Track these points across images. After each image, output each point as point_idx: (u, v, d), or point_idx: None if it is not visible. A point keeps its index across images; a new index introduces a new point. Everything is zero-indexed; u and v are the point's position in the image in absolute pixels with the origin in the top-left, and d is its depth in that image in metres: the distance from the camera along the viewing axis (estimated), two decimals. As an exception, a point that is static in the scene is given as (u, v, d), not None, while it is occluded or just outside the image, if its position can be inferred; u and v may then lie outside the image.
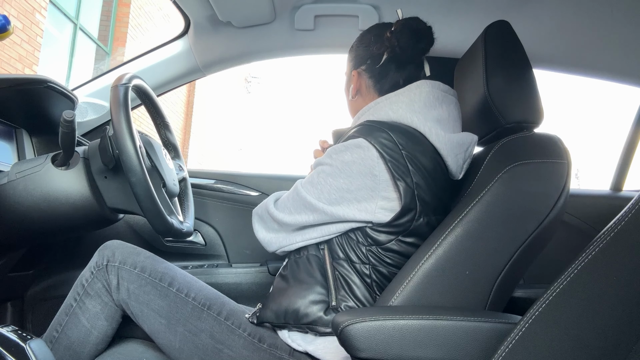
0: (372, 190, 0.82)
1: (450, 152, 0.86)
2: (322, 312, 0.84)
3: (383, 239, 0.84)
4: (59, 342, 0.94)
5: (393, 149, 0.82)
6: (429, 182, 0.83)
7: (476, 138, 0.91)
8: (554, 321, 0.52)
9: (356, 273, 0.85)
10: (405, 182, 0.81)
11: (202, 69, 1.50)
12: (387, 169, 0.81)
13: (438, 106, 0.90)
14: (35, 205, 0.95)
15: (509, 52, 0.89)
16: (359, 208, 0.83)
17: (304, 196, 0.88)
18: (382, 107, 0.92)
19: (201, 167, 9.80)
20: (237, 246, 1.52)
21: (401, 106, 0.89)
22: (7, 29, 0.87)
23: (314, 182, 0.88)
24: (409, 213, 0.82)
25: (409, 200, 0.81)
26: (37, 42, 4.89)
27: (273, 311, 0.88)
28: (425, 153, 0.84)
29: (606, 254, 0.53)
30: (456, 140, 0.87)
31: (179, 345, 0.90)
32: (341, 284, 0.85)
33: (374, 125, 0.86)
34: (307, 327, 0.84)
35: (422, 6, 1.27)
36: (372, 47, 0.99)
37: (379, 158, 0.82)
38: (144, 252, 1.00)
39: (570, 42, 1.32)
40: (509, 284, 0.80)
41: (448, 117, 0.90)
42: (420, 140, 0.85)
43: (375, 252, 0.84)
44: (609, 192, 1.57)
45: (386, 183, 0.82)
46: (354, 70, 1.02)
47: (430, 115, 0.88)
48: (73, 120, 0.88)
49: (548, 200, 0.78)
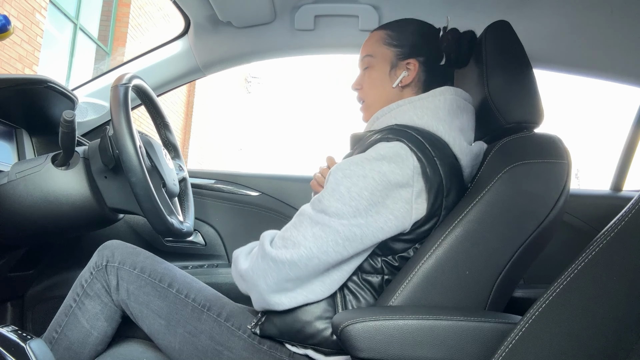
0: (407, 202, 0.78)
1: (469, 163, 0.87)
2: (328, 332, 0.80)
3: (400, 247, 0.81)
4: (59, 342, 0.94)
5: (428, 158, 0.79)
6: (452, 190, 0.82)
7: (485, 147, 0.91)
8: (554, 321, 0.52)
9: (366, 287, 0.82)
10: (436, 191, 0.79)
11: (202, 69, 1.50)
12: (423, 179, 0.78)
13: (460, 115, 0.89)
14: (35, 205, 0.95)
15: (509, 52, 0.89)
16: (397, 224, 0.78)
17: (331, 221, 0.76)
18: (405, 110, 0.89)
19: (201, 167, 9.80)
20: (237, 246, 1.50)
21: (426, 112, 0.86)
22: (8, 29, 0.87)
23: (344, 199, 0.77)
24: (431, 220, 0.81)
25: (436, 209, 0.80)
26: (37, 42, 4.89)
27: (277, 327, 0.84)
28: (450, 162, 0.83)
29: (606, 254, 0.53)
30: (474, 152, 0.88)
31: (178, 347, 0.90)
32: (349, 300, 0.81)
33: (406, 130, 0.82)
34: (312, 348, 0.82)
35: (422, 6, 1.27)
36: (432, 43, 0.96)
37: (417, 167, 0.78)
38: (144, 252, 0.99)
39: (570, 42, 1.32)
40: (509, 284, 0.80)
41: (467, 126, 0.90)
42: (446, 149, 0.84)
43: (390, 261, 0.82)
44: (609, 192, 1.57)
45: (420, 193, 0.79)
46: (413, 59, 0.94)
47: (454, 125, 0.86)
48: (73, 120, 0.88)
49: (548, 200, 0.78)
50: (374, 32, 1.00)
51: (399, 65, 0.95)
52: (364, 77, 1.00)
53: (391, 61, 0.96)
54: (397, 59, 0.95)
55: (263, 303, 0.82)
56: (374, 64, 0.97)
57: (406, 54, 0.95)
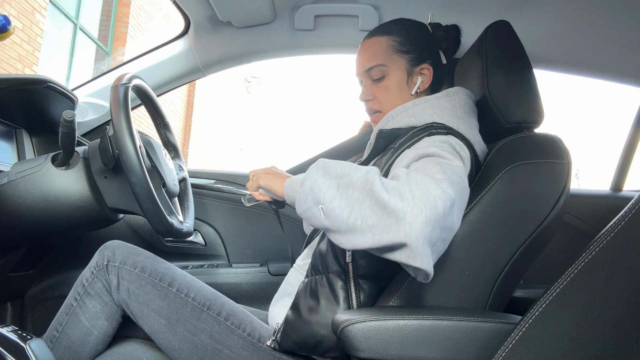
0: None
1: (484, 161, 0.88)
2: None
3: None
4: (59, 341, 0.94)
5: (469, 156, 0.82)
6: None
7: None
8: (554, 321, 0.52)
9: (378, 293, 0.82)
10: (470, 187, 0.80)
11: (202, 69, 1.50)
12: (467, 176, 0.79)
13: (473, 115, 0.90)
14: (35, 205, 0.95)
15: (509, 52, 0.89)
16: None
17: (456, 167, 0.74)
18: (424, 109, 0.88)
19: (201, 167, 9.79)
20: (237, 246, 1.52)
21: (445, 111, 0.86)
22: (8, 29, 0.86)
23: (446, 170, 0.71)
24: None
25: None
26: (37, 42, 4.89)
27: (294, 342, 0.84)
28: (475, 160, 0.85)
29: (606, 254, 0.53)
30: (486, 152, 0.89)
31: (178, 345, 0.90)
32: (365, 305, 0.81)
33: (447, 129, 0.84)
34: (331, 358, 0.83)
35: (422, 6, 1.27)
36: (432, 43, 0.97)
37: (466, 166, 0.79)
38: (144, 252, 1.00)
39: (570, 42, 1.32)
40: (509, 284, 0.80)
41: (477, 126, 0.90)
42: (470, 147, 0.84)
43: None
44: (609, 192, 1.57)
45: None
46: (425, 63, 0.95)
47: (472, 124, 0.87)
48: (73, 120, 0.88)
49: (548, 200, 0.78)
50: (378, 39, 0.97)
51: (414, 71, 0.95)
52: (376, 88, 0.97)
53: (406, 69, 0.95)
54: (411, 66, 0.95)
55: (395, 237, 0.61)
56: (389, 73, 0.95)
57: (418, 59, 0.95)
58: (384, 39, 0.97)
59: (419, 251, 0.60)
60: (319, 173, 0.71)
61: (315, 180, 0.70)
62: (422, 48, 0.96)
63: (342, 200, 0.65)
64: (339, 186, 0.67)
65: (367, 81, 0.99)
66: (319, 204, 0.67)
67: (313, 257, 0.90)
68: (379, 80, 0.96)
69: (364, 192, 0.64)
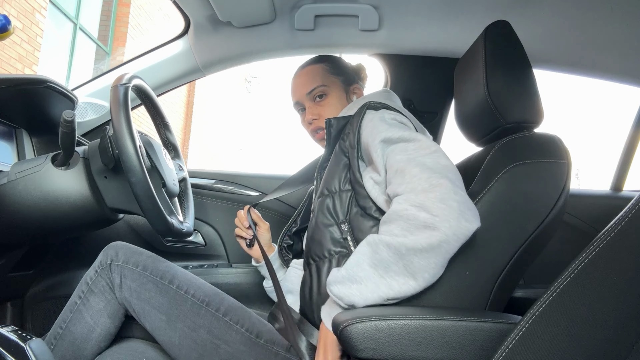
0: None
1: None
2: None
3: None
4: (63, 338, 0.96)
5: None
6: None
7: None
8: (554, 321, 0.52)
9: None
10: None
11: (202, 69, 1.50)
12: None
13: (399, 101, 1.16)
14: (35, 205, 0.95)
15: (509, 52, 0.89)
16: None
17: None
18: (359, 101, 1.04)
19: (201, 167, 9.79)
20: (237, 246, 1.52)
21: (377, 96, 1.06)
22: (8, 29, 0.86)
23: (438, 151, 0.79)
24: None
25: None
26: (37, 42, 4.89)
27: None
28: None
29: (606, 254, 0.53)
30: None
31: (178, 342, 0.92)
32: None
33: (382, 104, 0.96)
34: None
35: (422, 6, 1.27)
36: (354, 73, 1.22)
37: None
38: (146, 252, 1.02)
39: (570, 42, 1.32)
40: (509, 284, 0.80)
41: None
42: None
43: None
44: (609, 192, 1.57)
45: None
46: (357, 84, 1.19)
47: (399, 104, 1.08)
48: (73, 120, 0.88)
49: (548, 200, 0.78)
50: (313, 67, 1.15)
51: (349, 90, 1.15)
52: (319, 107, 1.12)
53: (343, 87, 1.14)
54: (345, 85, 1.15)
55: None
56: (329, 92, 1.12)
57: (349, 81, 1.16)
58: (318, 66, 1.15)
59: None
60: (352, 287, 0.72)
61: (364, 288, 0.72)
62: (348, 73, 1.16)
63: (396, 273, 0.70)
64: (382, 276, 0.71)
65: (309, 103, 1.13)
66: (387, 298, 0.71)
67: (306, 247, 0.92)
68: (321, 98, 1.12)
69: (398, 252, 0.70)
